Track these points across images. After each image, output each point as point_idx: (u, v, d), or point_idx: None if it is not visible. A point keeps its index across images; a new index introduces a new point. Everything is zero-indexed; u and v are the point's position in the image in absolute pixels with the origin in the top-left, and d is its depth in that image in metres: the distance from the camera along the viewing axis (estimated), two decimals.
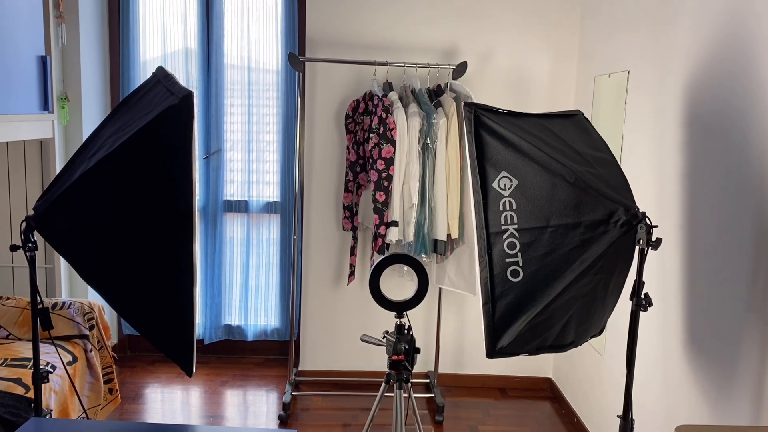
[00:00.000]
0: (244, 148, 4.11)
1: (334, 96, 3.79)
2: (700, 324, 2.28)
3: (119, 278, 1.86)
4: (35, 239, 1.87)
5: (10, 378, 2.71)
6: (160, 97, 1.88)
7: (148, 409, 3.56)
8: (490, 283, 2.04)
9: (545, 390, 4.01)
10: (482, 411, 3.70)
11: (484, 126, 2.05)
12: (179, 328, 1.84)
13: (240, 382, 3.96)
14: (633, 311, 1.98)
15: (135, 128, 1.78)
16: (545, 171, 1.98)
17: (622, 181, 2.05)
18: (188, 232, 1.77)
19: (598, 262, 1.97)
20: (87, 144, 1.97)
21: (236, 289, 4.23)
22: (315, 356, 4.00)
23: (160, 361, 4.20)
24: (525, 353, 2.09)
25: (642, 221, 1.91)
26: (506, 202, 2.03)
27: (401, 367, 2.18)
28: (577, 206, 1.96)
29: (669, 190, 2.55)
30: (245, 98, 4.07)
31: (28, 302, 3.24)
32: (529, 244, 2.01)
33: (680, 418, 2.37)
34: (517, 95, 3.80)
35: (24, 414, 2.53)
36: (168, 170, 1.74)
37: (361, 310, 3.96)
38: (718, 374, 2.16)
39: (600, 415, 3.20)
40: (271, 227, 4.21)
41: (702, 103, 2.33)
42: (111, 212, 1.81)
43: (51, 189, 1.90)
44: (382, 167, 3.32)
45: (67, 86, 3.67)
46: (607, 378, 3.13)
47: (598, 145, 2.17)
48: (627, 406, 2.01)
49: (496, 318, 2.04)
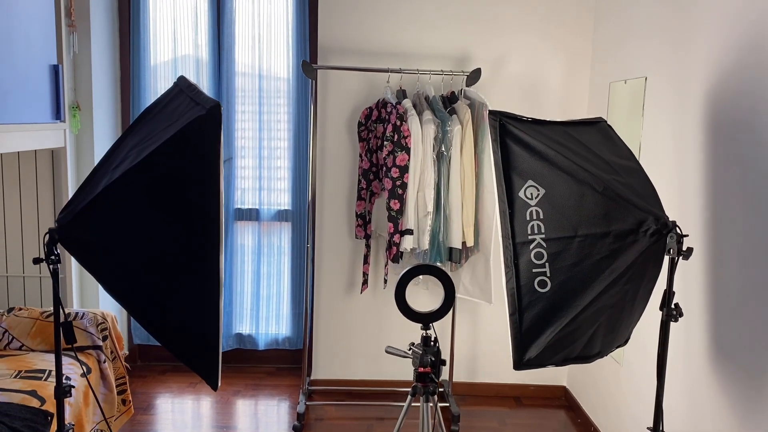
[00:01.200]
0: (254, 155, 4.09)
1: (347, 103, 3.77)
2: (726, 333, 2.25)
3: (144, 291, 1.83)
4: (58, 252, 1.84)
5: (26, 390, 2.68)
6: (184, 107, 1.85)
7: (160, 420, 3.53)
8: (517, 293, 2.02)
9: (560, 399, 3.98)
10: (498, 420, 3.67)
11: (510, 134, 2.03)
12: (204, 340, 1.82)
13: (252, 391, 3.93)
14: (663, 321, 1.95)
15: (160, 139, 1.76)
16: (573, 180, 1.96)
17: (650, 189, 2.03)
18: (215, 244, 1.75)
19: (627, 272, 1.95)
20: (109, 156, 1.94)
21: (247, 298, 4.21)
22: (328, 365, 3.97)
23: (171, 371, 4.17)
24: (552, 364, 2.06)
25: (672, 230, 1.89)
26: (533, 211, 2.01)
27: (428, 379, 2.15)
28: (606, 215, 1.94)
29: (691, 197, 2.53)
30: (256, 105, 4.05)
31: (41, 313, 3.21)
32: (556, 254, 1.98)
33: (706, 429, 2.34)
34: (530, 102, 3.78)
35: (41, 428, 2.50)
36: (194, 181, 1.72)
37: (374, 319, 3.93)
38: (746, 385, 2.13)
39: (618, 425, 3.17)
40: (283, 235, 4.18)
41: (725, 110, 2.31)
42: (136, 224, 1.78)
43: (74, 201, 1.87)
44: (397, 175, 3.30)
45: (78, 95, 3.65)
46: (625, 387, 3.10)
47: (624, 153, 2.14)
48: (657, 418, 1.98)
49: (523, 329, 2.02)
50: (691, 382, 2.46)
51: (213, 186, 1.69)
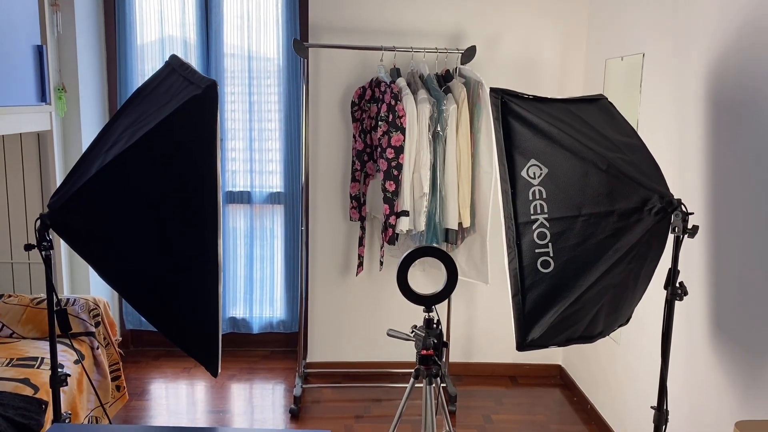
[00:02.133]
0: (245, 137, 4.02)
1: (339, 83, 3.70)
2: (727, 312, 2.25)
3: (140, 276, 1.78)
4: (50, 238, 1.79)
5: (18, 378, 2.63)
6: (178, 87, 1.79)
7: (155, 405, 3.49)
8: (519, 274, 1.99)
9: (556, 377, 3.99)
10: (494, 400, 3.67)
11: (512, 112, 1.99)
12: (204, 327, 1.78)
13: (247, 375, 3.90)
14: (668, 300, 1.94)
15: (154, 120, 1.70)
16: (576, 158, 1.92)
17: (654, 167, 2.00)
18: (213, 227, 1.70)
19: (631, 251, 1.93)
20: (100, 138, 1.88)
21: (240, 282, 4.17)
22: (323, 348, 3.95)
23: (165, 356, 4.13)
24: (555, 345, 2.05)
25: (677, 208, 1.86)
26: (536, 191, 1.97)
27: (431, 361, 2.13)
28: (610, 194, 1.91)
29: (691, 175, 2.51)
30: (245, 87, 3.97)
31: (31, 300, 3.16)
32: (560, 233, 1.96)
33: (708, 410, 2.34)
34: (525, 80, 3.74)
35: (36, 416, 2.46)
36: (191, 163, 1.67)
37: (369, 302, 3.91)
38: (746, 363, 2.13)
39: (615, 403, 3.18)
40: (275, 218, 4.13)
41: (727, 82, 2.28)
42: (130, 208, 1.73)
43: (65, 185, 1.81)
44: (392, 156, 3.25)
45: (63, 76, 3.56)
46: (623, 366, 3.11)
47: (627, 131, 2.11)
48: (662, 397, 1.97)
49: (526, 310, 1.99)
50: (692, 360, 2.46)
51: (210, 167, 1.64)
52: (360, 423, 3.35)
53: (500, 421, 3.42)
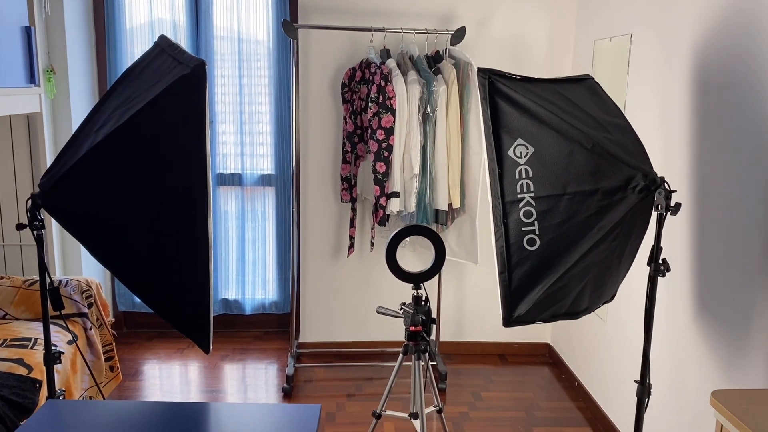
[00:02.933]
0: (235, 120, 4.02)
1: (329, 64, 3.71)
2: (710, 288, 2.30)
3: (131, 255, 1.81)
4: (42, 217, 1.81)
5: (12, 359, 2.66)
6: (167, 67, 1.80)
7: (149, 385, 3.53)
8: (506, 251, 2.03)
9: (544, 356, 4.06)
10: (483, 377, 3.73)
11: (499, 92, 2.01)
12: (195, 304, 1.80)
13: (239, 355, 3.94)
14: (651, 276, 1.98)
15: (143, 100, 1.71)
16: (562, 137, 1.95)
17: (638, 146, 2.03)
18: (203, 206, 1.72)
19: (615, 229, 1.96)
20: (90, 118, 1.89)
21: (232, 264, 4.19)
22: (315, 328, 3.99)
23: (158, 337, 4.17)
24: (541, 321, 2.09)
25: (661, 186, 1.90)
26: (522, 170, 2.01)
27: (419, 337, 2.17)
28: (595, 173, 1.94)
29: (676, 154, 2.54)
30: (235, 69, 3.97)
31: (23, 281, 3.17)
32: (545, 212, 1.99)
33: (690, 383, 2.40)
34: (514, 61, 3.75)
35: (30, 395, 2.48)
36: (180, 142, 1.68)
37: (361, 282, 3.94)
38: (730, 337, 2.18)
39: (602, 380, 3.25)
40: (266, 200, 4.15)
41: (712, 63, 2.31)
42: (121, 187, 1.75)
43: (56, 165, 1.83)
44: (382, 137, 3.27)
45: (52, 58, 3.54)
46: (609, 343, 3.17)
47: (612, 110, 2.14)
48: (645, 371, 2.02)
49: (512, 287, 2.03)
50: (675, 335, 2.51)
51: (200, 146, 1.66)
52: (351, 401, 3.40)
53: (489, 399, 3.48)
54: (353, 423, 3.18)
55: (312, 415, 1.70)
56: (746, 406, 1.50)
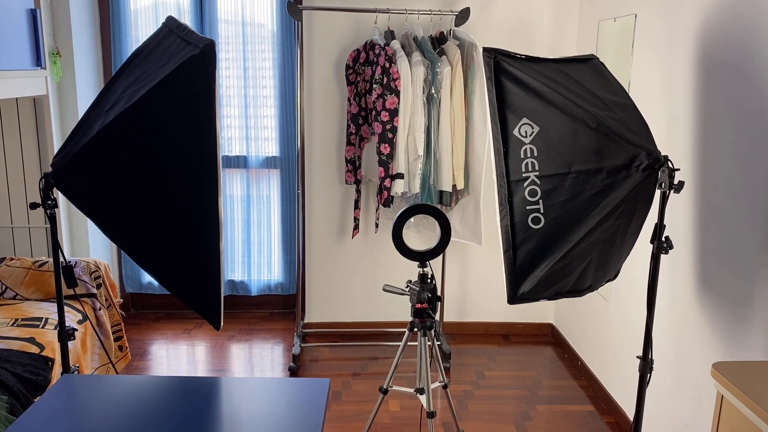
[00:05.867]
0: (240, 104, 4.04)
1: (333, 46, 3.71)
2: (712, 265, 2.33)
3: (143, 233, 1.84)
4: (54, 197, 1.84)
5: (24, 338, 2.71)
6: (176, 47, 1.82)
7: (157, 365, 3.58)
8: (511, 230, 2.05)
9: (547, 335, 4.10)
10: (487, 357, 3.78)
11: (505, 72, 2.03)
12: (206, 281, 1.84)
13: (246, 336, 3.99)
14: (654, 254, 2.01)
15: (153, 80, 1.74)
16: (567, 117, 1.97)
17: (642, 125, 2.05)
18: (213, 185, 1.75)
19: (619, 207, 1.99)
20: (100, 99, 1.92)
21: (238, 245, 4.23)
22: (321, 309, 4.04)
23: (165, 318, 4.22)
24: (545, 298, 2.12)
25: (664, 165, 1.92)
26: (527, 149, 2.03)
27: (425, 315, 2.20)
28: (599, 151, 1.96)
29: (679, 133, 2.56)
30: (240, 53, 3.97)
31: (33, 262, 3.21)
32: (550, 191, 2.01)
33: (691, 358, 2.44)
34: (519, 42, 3.76)
35: (43, 373, 2.53)
36: (191, 121, 1.71)
37: (366, 263, 3.98)
38: (730, 311, 2.21)
39: (604, 358, 3.29)
40: (271, 182, 4.18)
41: (717, 43, 2.32)
42: (132, 166, 1.77)
43: (67, 146, 1.86)
44: (387, 119, 3.29)
45: (57, 41, 3.56)
46: (612, 322, 3.20)
47: (617, 90, 2.16)
48: (647, 347, 2.06)
49: (517, 265, 2.06)
50: (677, 312, 2.55)
51: (210, 125, 1.68)
52: (357, 380, 3.45)
53: (493, 377, 3.53)
54: (359, 401, 3.23)
55: (321, 389, 1.74)
56: (747, 378, 1.54)
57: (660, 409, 2.68)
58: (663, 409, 2.65)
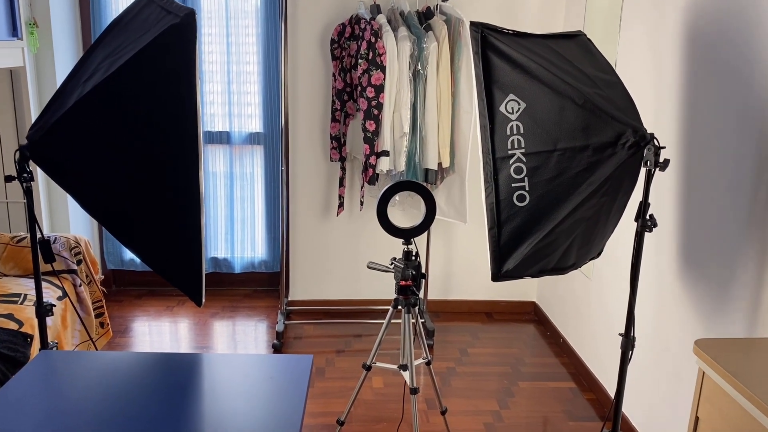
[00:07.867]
0: (223, 80, 3.97)
1: (318, 20, 3.65)
2: (695, 243, 2.34)
3: (122, 208, 1.80)
4: (30, 169, 1.79)
5: (2, 314, 2.66)
6: (156, 16, 1.77)
7: (139, 342, 3.56)
8: (496, 208, 2.04)
9: (530, 313, 4.13)
10: (470, 334, 3.79)
11: (492, 47, 2.00)
12: (187, 257, 1.81)
13: (229, 313, 3.97)
14: (638, 231, 2.01)
15: (132, 50, 1.69)
16: (554, 93, 1.95)
17: (629, 102, 2.04)
18: (194, 157, 1.72)
19: (604, 185, 1.98)
20: (77, 70, 1.86)
21: (221, 222, 4.19)
22: (305, 286, 4.02)
23: (147, 295, 4.18)
24: (528, 276, 2.12)
25: (650, 143, 1.91)
26: (513, 126, 2.01)
27: (409, 292, 2.20)
28: (586, 129, 1.95)
29: (666, 111, 2.56)
30: (223, 28, 3.89)
31: (11, 238, 3.15)
32: (536, 168, 2.00)
33: (672, 335, 2.46)
34: (506, 18, 3.72)
35: (21, 349, 2.50)
36: (171, 93, 1.67)
37: (350, 241, 3.96)
38: (711, 289, 2.23)
39: (586, 336, 3.32)
40: (255, 159, 4.13)
41: (704, 22, 2.31)
42: (110, 139, 1.73)
43: (42, 117, 1.81)
44: (372, 95, 3.25)
45: (34, 11, 3.46)
46: (594, 300, 3.22)
47: (604, 67, 2.14)
48: (629, 324, 2.07)
49: (501, 242, 2.06)
50: (659, 289, 2.57)
51: (190, 97, 1.64)
52: (341, 356, 3.46)
53: (476, 354, 3.55)
54: (342, 378, 3.23)
55: (304, 366, 1.73)
56: (728, 354, 1.55)
57: (640, 386, 2.71)
58: (643, 386, 2.69)
